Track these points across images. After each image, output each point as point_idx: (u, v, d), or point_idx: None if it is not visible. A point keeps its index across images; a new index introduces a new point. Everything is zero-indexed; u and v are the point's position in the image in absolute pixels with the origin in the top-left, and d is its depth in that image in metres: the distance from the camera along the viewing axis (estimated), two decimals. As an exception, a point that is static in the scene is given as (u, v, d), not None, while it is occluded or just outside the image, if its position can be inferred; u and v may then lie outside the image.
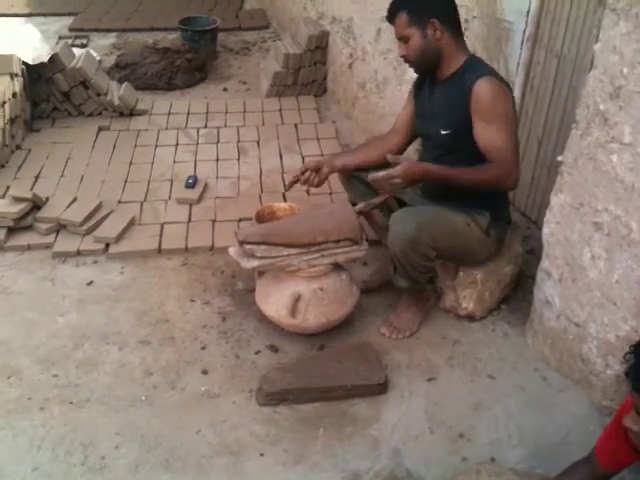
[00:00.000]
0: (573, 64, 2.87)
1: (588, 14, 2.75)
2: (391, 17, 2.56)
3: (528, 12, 3.04)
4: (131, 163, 4.04)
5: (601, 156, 2.15)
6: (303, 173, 2.85)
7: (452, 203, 2.60)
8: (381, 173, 2.47)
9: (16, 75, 4.08)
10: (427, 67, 2.61)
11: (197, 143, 4.31)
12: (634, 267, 2.12)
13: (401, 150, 2.86)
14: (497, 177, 2.48)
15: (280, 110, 4.76)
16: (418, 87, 2.77)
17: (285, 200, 3.56)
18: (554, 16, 2.94)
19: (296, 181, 2.88)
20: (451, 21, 2.54)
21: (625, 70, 1.99)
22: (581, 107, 2.22)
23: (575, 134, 2.26)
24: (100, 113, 4.56)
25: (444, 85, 2.60)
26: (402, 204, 2.81)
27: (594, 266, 2.28)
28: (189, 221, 3.50)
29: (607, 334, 2.29)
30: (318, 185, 2.87)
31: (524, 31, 3.08)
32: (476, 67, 2.53)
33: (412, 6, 2.49)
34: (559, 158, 2.39)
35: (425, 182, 2.62)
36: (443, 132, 2.59)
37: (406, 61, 2.62)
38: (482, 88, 2.44)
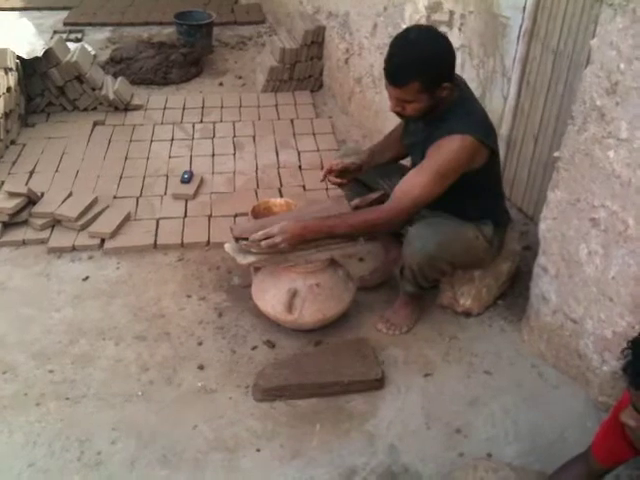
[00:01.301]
0: (570, 60, 2.87)
1: (585, 9, 2.75)
2: (400, 83, 2.32)
3: (524, 7, 3.03)
4: (126, 158, 4.03)
5: (598, 152, 2.15)
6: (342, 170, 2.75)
7: (454, 213, 2.59)
8: (260, 233, 2.41)
9: (10, 69, 4.06)
10: (423, 117, 2.47)
11: (193, 138, 4.30)
12: (631, 263, 2.12)
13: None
14: (384, 221, 2.43)
15: (276, 105, 4.75)
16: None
17: (281, 195, 3.56)
18: (550, 11, 2.93)
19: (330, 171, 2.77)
20: (453, 74, 2.42)
21: (622, 65, 1.99)
22: (577, 103, 2.21)
23: (572, 130, 2.26)
24: (95, 108, 4.54)
25: (427, 126, 2.49)
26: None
27: (591, 262, 2.28)
28: (185, 216, 3.49)
29: (604, 330, 2.29)
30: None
31: (520, 26, 3.07)
32: (458, 118, 2.39)
33: (428, 75, 2.30)
34: (556, 154, 2.39)
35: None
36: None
37: (399, 116, 2.48)
38: (444, 142, 2.35)
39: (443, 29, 3.19)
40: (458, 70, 2.61)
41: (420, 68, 2.27)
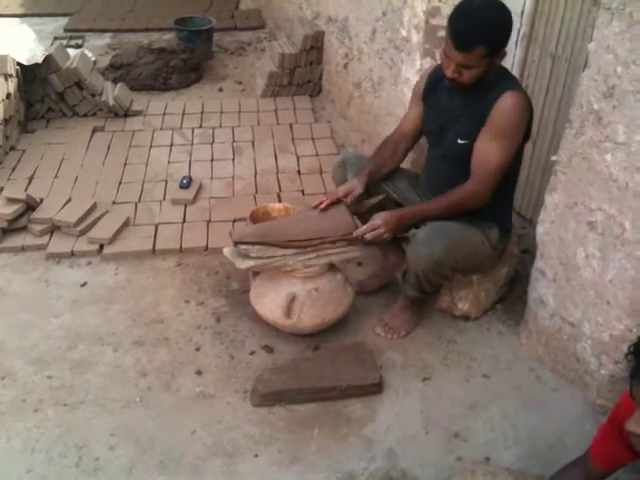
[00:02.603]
0: (567, 64, 2.87)
1: (582, 14, 2.75)
2: (466, 47, 2.33)
3: (523, 12, 3.04)
4: (126, 164, 4.04)
5: (595, 155, 2.15)
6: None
7: (463, 216, 2.58)
8: (364, 227, 2.53)
9: (10, 76, 4.08)
10: (474, 85, 2.46)
11: (192, 143, 4.31)
12: (628, 266, 2.12)
13: (405, 156, 2.88)
14: (474, 196, 2.52)
15: (275, 110, 4.76)
16: (431, 90, 2.68)
17: (280, 200, 3.57)
18: (548, 16, 2.94)
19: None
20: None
21: (619, 69, 1.99)
22: (575, 106, 2.22)
23: (569, 133, 2.26)
24: (95, 114, 4.55)
25: (471, 94, 2.49)
26: (398, 204, 2.80)
27: (588, 265, 2.28)
28: (184, 221, 3.49)
29: (601, 333, 2.29)
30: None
31: (519, 31, 3.08)
32: (504, 79, 2.47)
33: (493, 41, 2.35)
34: (553, 157, 2.39)
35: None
36: (460, 141, 2.54)
37: (454, 81, 2.44)
38: (505, 102, 2.40)
39: (442, 34, 3.20)
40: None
41: (486, 33, 2.31)
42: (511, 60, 3.15)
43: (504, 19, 2.36)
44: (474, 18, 2.33)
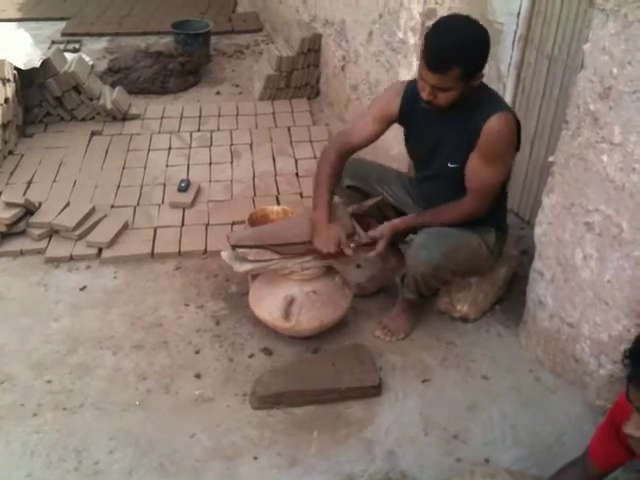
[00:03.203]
0: (564, 65, 2.88)
1: (579, 15, 2.76)
2: (440, 69, 2.26)
3: (519, 13, 3.05)
4: (124, 167, 4.04)
5: (592, 156, 2.15)
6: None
7: None
8: (376, 251, 2.54)
9: (8, 80, 4.07)
10: (450, 108, 2.40)
11: (190, 147, 4.31)
12: (625, 266, 2.12)
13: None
14: (471, 213, 2.53)
15: (273, 113, 4.76)
16: (408, 112, 2.57)
17: (278, 203, 3.57)
18: (545, 17, 2.95)
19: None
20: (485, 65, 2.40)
21: (615, 70, 2.00)
22: (571, 107, 2.22)
23: (566, 134, 2.27)
24: (93, 118, 4.55)
25: (456, 119, 2.44)
26: (395, 208, 2.81)
27: (586, 266, 2.28)
28: (182, 225, 3.49)
29: (600, 334, 2.29)
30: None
31: (515, 32, 3.08)
32: (488, 101, 2.44)
33: (469, 63, 2.28)
34: (550, 159, 2.39)
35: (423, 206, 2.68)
36: (451, 165, 2.52)
37: (429, 104, 2.39)
38: (493, 125, 2.36)
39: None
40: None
41: (462, 54, 2.25)
42: (508, 61, 3.15)
43: (480, 40, 2.31)
44: (448, 38, 2.26)
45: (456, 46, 2.24)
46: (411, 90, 2.51)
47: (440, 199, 2.58)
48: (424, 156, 2.66)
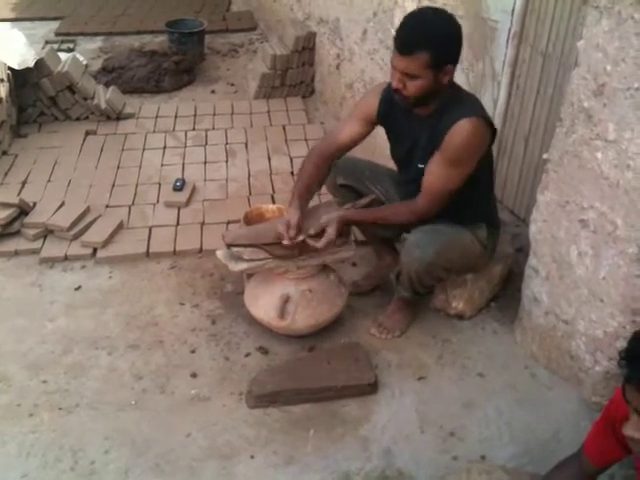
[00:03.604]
0: (558, 62, 2.88)
1: (573, 12, 2.76)
2: (408, 50, 2.26)
3: (513, 11, 3.04)
4: (119, 167, 4.03)
5: (586, 153, 2.16)
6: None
7: (450, 217, 2.58)
8: (322, 242, 2.46)
9: (2, 80, 4.07)
10: (418, 105, 2.42)
11: (185, 146, 4.31)
12: (620, 263, 2.12)
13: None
14: (417, 215, 2.51)
15: (268, 112, 4.76)
16: (386, 114, 2.59)
17: (274, 202, 3.57)
18: (539, 14, 2.95)
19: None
20: (457, 62, 2.39)
21: (608, 67, 2.00)
22: (565, 105, 2.22)
23: (560, 132, 2.27)
24: (87, 117, 4.55)
25: (426, 121, 2.46)
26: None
27: (581, 263, 2.29)
28: (177, 224, 3.49)
29: (595, 330, 2.30)
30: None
31: (509, 30, 3.08)
32: (459, 104, 2.42)
33: (438, 48, 2.27)
34: (545, 156, 2.40)
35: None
36: (420, 166, 2.51)
37: (398, 94, 2.38)
38: (458, 130, 2.34)
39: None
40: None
41: (430, 39, 2.25)
42: (502, 59, 3.15)
43: (452, 30, 2.31)
44: (419, 23, 2.29)
45: (425, 30, 2.27)
46: (389, 91, 2.49)
47: None
48: (402, 158, 2.67)
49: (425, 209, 2.49)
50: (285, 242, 2.46)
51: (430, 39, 2.25)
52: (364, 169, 2.88)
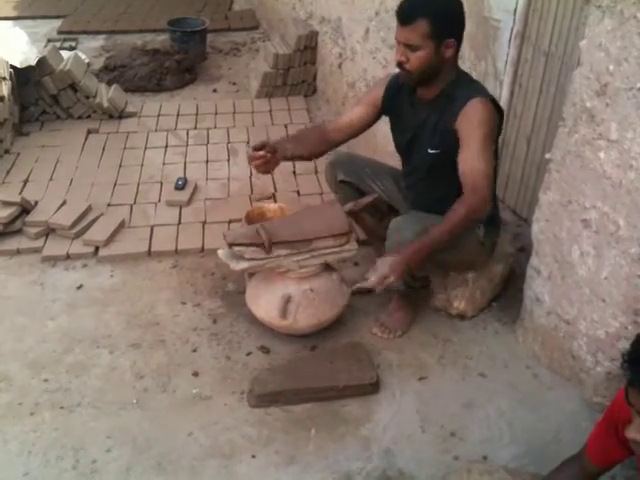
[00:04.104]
0: (561, 61, 2.87)
1: (575, 11, 2.75)
2: (408, 19, 2.31)
3: (515, 10, 3.04)
4: (120, 165, 4.03)
5: (588, 153, 2.15)
6: (260, 149, 2.59)
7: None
8: (370, 282, 2.35)
9: (4, 79, 4.07)
10: (422, 82, 2.45)
11: (187, 145, 4.31)
12: (622, 264, 2.12)
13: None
14: (473, 208, 2.35)
15: (270, 111, 4.76)
16: (391, 101, 2.63)
17: (275, 201, 3.57)
18: (541, 14, 2.94)
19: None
20: (461, 41, 2.43)
21: (611, 67, 2.00)
22: (568, 104, 2.22)
23: (562, 131, 2.27)
24: (89, 116, 4.55)
25: (432, 104, 2.49)
26: (390, 206, 2.81)
27: (583, 263, 2.28)
28: (179, 223, 3.49)
29: (597, 331, 2.29)
30: (267, 172, 2.71)
31: (512, 29, 3.07)
32: (467, 85, 2.46)
33: (437, 17, 2.30)
34: (547, 156, 2.39)
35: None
36: (431, 151, 2.52)
37: (401, 68, 2.42)
38: (471, 110, 2.37)
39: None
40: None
41: (430, 8, 2.30)
42: (504, 59, 3.15)
43: (454, 4, 2.38)
44: None
45: (425, 0, 2.33)
46: (396, 79, 2.56)
47: (427, 191, 2.59)
48: (406, 146, 2.66)
49: (475, 200, 2.35)
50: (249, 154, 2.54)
51: (430, 8, 2.31)
52: (364, 166, 2.88)
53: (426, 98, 2.51)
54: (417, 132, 2.57)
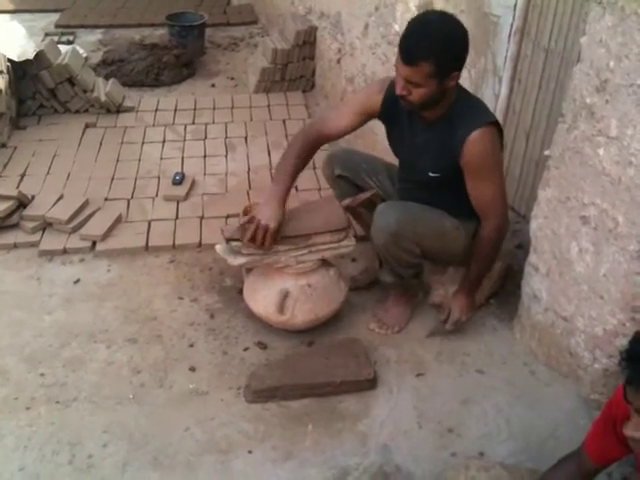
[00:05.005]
0: (561, 58, 2.87)
1: (575, 7, 2.74)
2: (411, 60, 2.23)
3: (515, 6, 3.02)
4: (118, 160, 4.02)
5: (588, 150, 2.15)
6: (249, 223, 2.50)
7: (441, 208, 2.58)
8: (449, 328, 2.68)
9: (1, 72, 4.05)
10: (424, 110, 2.42)
11: (184, 140, 4.29)
12: (621, 260, 2.12)
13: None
14: (498, 230, 2.53)
15: (268, 106, 4.75)
16: (389, 112, 2.57)
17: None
18: (541, 9, 2.93)
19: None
20: (463, 65, 2.36)
21: (611, 63, 1.99)
22: (567, 101, 2.21)
23: (562, 128, 2.26)
24: (87, 110, 4.53)
25: (433, 128, 2.46)
26: (383, 200, 2.80)
27: (581, 260, 2.28)
28: (176, 218, 3.48)
29: (594, 328, 2.29)
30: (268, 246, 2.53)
31: (511, 25, 3.06)
32: (467, 108, 2.41)
33: (440, 59, 2.23)
34: (546, 152, 2.39)
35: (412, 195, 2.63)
36: (432, 174, 2.50)
37: (403, 99, 2.36)
38: (475, 144, 2.34)
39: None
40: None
41: (434, 49, 2.21)
42: (504, 54, 3.14)
43: (457, 37, 2.28)
44: (423, 31, 2.23)
45: (428, 41, 2.22)
46: (393, 87, 2.44)
47: (418, 199, 2.57)
48: (406, 161, 2.66)
49: (496, 223, 2.52)
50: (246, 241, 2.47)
51: (435, 49, 2.21)
52: (361, 161, 2.87)
53: (426, 117, 2.47)
54: (418, 153, 2.54)
